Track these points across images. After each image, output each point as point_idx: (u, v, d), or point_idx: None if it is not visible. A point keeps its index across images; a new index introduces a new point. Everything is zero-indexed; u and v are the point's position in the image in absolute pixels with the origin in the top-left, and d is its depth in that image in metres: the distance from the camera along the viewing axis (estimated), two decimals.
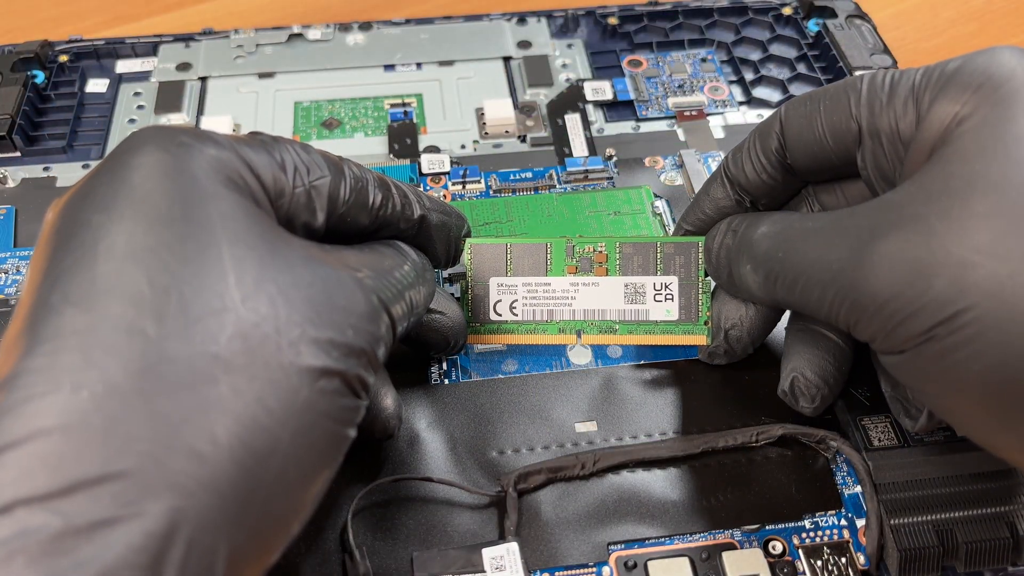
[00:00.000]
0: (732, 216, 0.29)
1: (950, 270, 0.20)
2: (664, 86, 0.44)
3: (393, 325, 0.22)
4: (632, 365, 0.31)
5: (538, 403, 0.30)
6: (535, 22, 0.47)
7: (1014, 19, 0.51)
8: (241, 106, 0.43)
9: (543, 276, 0.30)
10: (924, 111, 0.23)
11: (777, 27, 0.47)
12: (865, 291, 0.22)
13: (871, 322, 0.22)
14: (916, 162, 0.23)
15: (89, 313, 0.17)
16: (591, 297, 0.30)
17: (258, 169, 0.22)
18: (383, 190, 0.25)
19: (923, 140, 0.23)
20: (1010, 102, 0.21)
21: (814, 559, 0.26)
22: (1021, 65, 0.22)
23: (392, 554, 0.26)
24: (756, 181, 0.28)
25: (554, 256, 0.30)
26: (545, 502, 0.28)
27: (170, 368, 0.17)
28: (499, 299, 0.30)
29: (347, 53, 0.46)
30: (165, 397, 0.17)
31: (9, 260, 0.35)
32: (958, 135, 0.22)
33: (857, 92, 0.25)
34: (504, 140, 0.41)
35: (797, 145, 0.27)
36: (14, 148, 0.40)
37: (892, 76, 0.24)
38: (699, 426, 0.30)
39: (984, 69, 0.22)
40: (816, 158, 0.26)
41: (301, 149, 0.23)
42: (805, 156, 0.27)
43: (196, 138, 0.21)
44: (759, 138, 0.28)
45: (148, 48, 0.45)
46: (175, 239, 0.18)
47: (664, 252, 0.30)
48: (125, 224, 0.18)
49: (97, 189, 0.19)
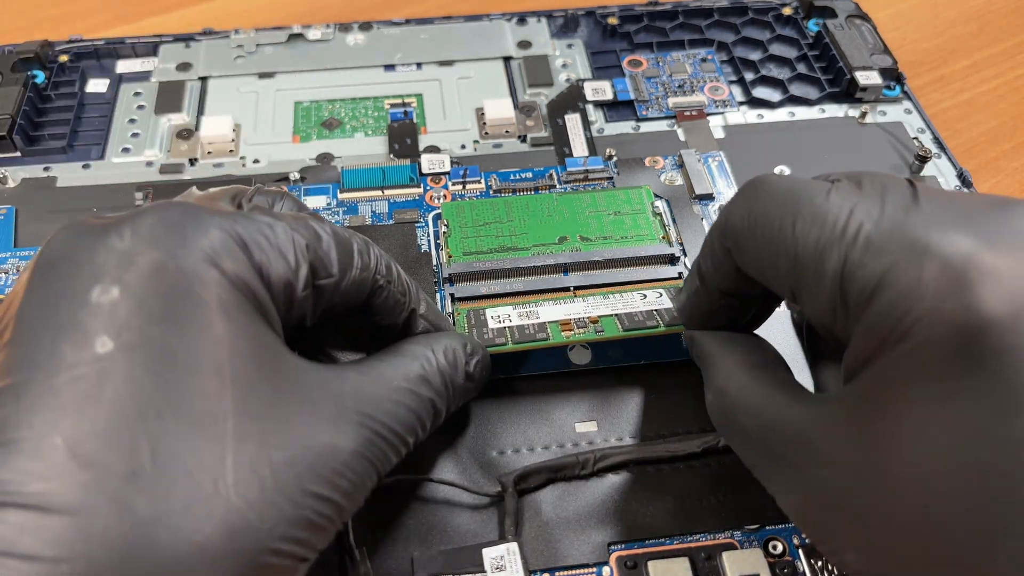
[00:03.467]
0: (701, 336, 0.27)
1: None
2: (664, 86, 0.44)
3: (378, 475, 0.22)
4: (632, 365, 0.31)
5: (538, 403, 0.30)
6: (535, 22, 0.47)
7: (1014, 19, 0.51)
8: (241, 106, 0.43)
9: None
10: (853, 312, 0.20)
11: (777, 27, 0.47)
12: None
13: None
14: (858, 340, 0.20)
15: (87, 471, 0.16)
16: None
17: (269, 275, 0.20)
18: (386, 278, 0.24)
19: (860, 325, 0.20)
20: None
21: (814, 559, 0.26)
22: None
23: (392, 554, 0.26)
24: (719, 281, 0.26)
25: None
26: (545, 502, 0.28)
27: (153, 555, 0.16)
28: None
29: (347, 53, 0.46)
30: None
31: (9, 260, 0.35)
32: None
33: (789, 255, 0.22)
34: (504, 140, 0.41)
35: (742, 257, 0.24)
36: (14, 148, 0.40)
37: (820, 246, 0.21)
38: (699, 426, 0.30)
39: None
40: (762, 276, 0.24)
41: (315, 238, 0.22)
42: (751, 268, 0.24)
43: (196, 224, 0.20)
44: (715, 233, 0.25)
45: (148, 48, 0.45)
46: (181, 394, 0.18)
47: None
48: (123, 358, 0.18)
49: (86, 286, 0.18)
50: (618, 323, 0.30)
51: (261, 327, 0.20)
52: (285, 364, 0.20)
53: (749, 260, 0.23)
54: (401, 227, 0.36)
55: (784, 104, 0.43)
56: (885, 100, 0.43)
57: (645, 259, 0.33)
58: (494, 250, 0.33)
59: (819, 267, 0.20)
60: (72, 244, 0.19)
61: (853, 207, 0.21)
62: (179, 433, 0.17)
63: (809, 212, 0.21)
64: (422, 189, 0.38)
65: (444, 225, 0.34)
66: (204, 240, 0.20)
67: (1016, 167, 0.43)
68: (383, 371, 0.23)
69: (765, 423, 0.23)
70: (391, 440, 0.22)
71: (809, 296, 0.21)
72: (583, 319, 0.30)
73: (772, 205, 0.22)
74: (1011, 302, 0.17)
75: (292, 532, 0.19)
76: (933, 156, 0.40)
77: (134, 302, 0.18)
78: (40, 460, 0.16)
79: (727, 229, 0.24)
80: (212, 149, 0.40)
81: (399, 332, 0.26)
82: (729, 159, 0.40)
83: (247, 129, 0.42)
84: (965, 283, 0.18)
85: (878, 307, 0.19)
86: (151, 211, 0.20)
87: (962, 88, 0.47)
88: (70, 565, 0.16)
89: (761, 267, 0.23)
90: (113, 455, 0.17)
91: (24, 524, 0.16)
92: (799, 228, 0.21)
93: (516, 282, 0.33)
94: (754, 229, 0.23)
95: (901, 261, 0.19)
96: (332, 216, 0.37)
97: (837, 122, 0.42)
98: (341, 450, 0.20)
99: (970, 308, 0.18)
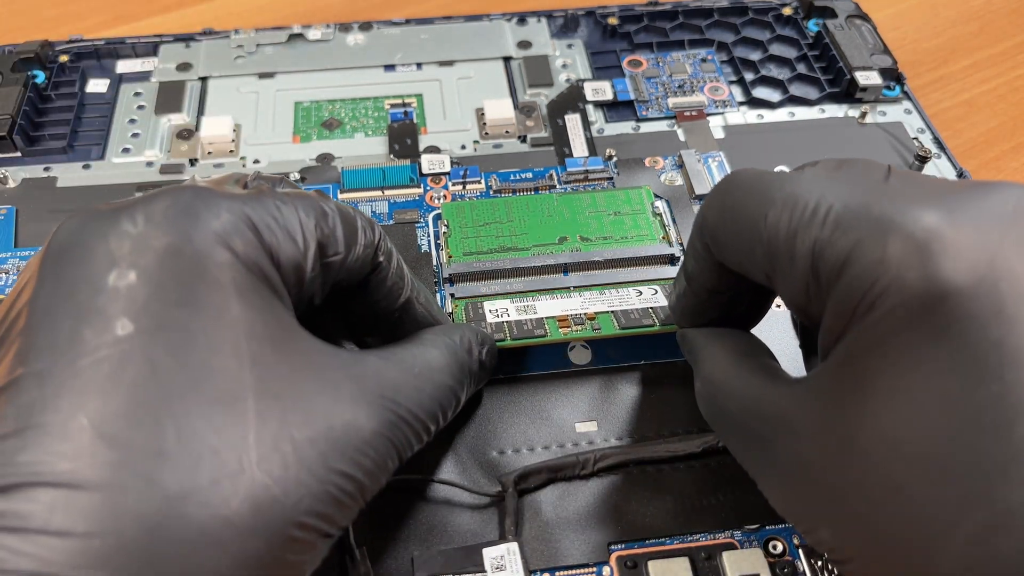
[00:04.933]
0: (689, 333, 0.27)
1: None
2: (664, 86, 0.44)
3: (400, 459, 0.22)
4: (632, 365, 0.31)
5: (538, 403, 0.30)
6: (535, 22, 0.47)
7: (1014, 19, 0.51)
8: (241, 106, 0.43)
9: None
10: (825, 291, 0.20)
11: (777, 27, 0.47)
12: None
13: None
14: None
15: (115, 449, 0.17)
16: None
17: (279, 257, 0.21)
18: (385, 259, 0.25)
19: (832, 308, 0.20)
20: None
21: (814, 559, 0.26)
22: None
23: (392, 554, 0.26)
24: (704, 280, 0.26)
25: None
26: (545, 502, 0.28)
27: (182, 529, 0.17)
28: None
29: (347, 53, 0.46)
30: (174, 560, 0.16)
31: (9, 260, 0.35)
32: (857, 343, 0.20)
33: (762, 241, 0.22)
34: (504, 140, 0.41)
35: (718, 248, 0.24)
36: (14, 148, 0.40)
37: (792, 225, 0.21)
38: (699, 426, 0.30)
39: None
40: (740, 267, 0.24)
41: (321, 216, 0.22)
42: (730, 260, 0.24)
43: (208, 207, 0.20)
44: (695, 229, 0.26)
45: (148, 48, 0.45)
46: (202, 375, 0.18)
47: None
48: (143, 341, 0.18)
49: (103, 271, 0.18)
50: (614, 321, 0.30)
51: (276, 307, 0.20)
52: (302, 344, 0.21)
53: (727, 253, 0.24)
54: (401, 227, 0.36)
55: (784, 104, 0.43)
56: (885, 100, 0.43)
57: (645, 259, 0.33)
58: (494, 250, 0.33)
59: (791, 249, 0.21)
60: (83, 231, 0.19)
61: (824, 190, 0.21)
62: (201, 412, 0.18)
63: (780, 199, 0.21)
64: (422, 189, 0.38)
65: (444, 225, 0.34)
66: (216, 222, 0.20)
67: (1016, 167, 0.43)
68: (404, 357, 0.24)
69: (746, 405, 0.23)
70: (413, 425, 0.22)
71: (783, 279, 0.21)
72: (580, 316, 0.31)
73: (744, 196, 0.23)
74: (973, 271, 0.18)
75: (316, 507, 0.19)
76: (933, 156, 0.40)
77: (152, 285, 0.18)
78: (68, 441, 0.17)
79: (704, 226, 0.24)
80: (212, 149, 0.40)
81: (397, 320, 0.27)
82: (729, 159, 0.40)
83: (247, 129, 0.42)
84: (928, 253, 0.18)
85: (846, 280, 0.19)
86: (162, 195, 0.20)
87: (962, 88, 0.47)
88: (101, 539, 0.16)
89: (739, 258, 0.23)
90: (139, 434, 0.17)
91: (55, 502, 0.16)
92: (771, 215, 0.21)
93: (516, 282, 0.33)
94: (728, 222, 0.23)
95: (867, 237, 0.19)
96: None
97: (837, 122, 0.42)
98: (363, 429, 0.21)
99: (932, 277, 0.18)
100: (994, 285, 0.18)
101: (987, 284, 0.18)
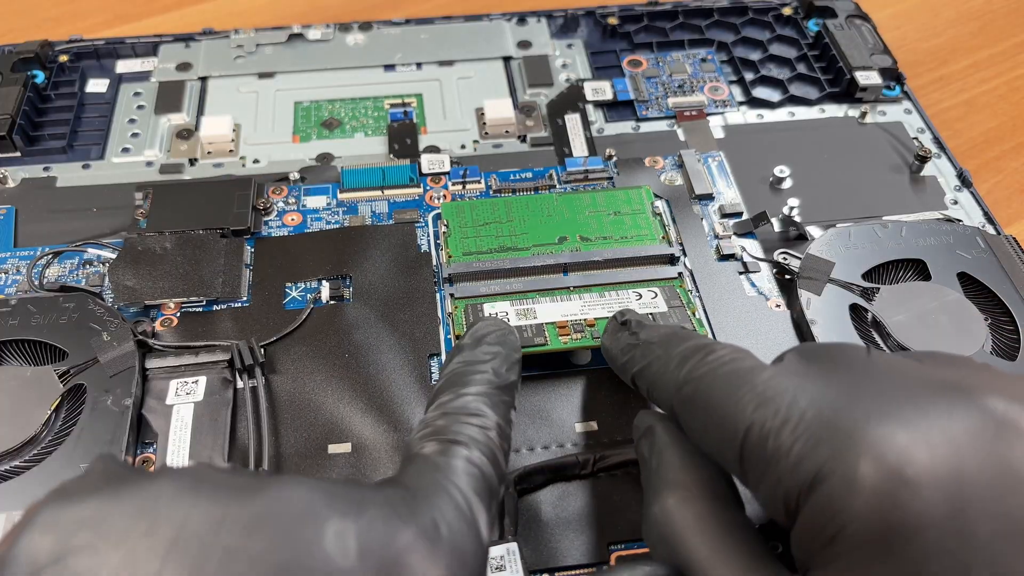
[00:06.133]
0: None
1: None
2: (664, 86, 0.44)
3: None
4: None
5: (538, 403, 0.30)
6: (535, 22, 0.47)
7: (1014, 19, 0.51)
8: (241, 106, 0.43)
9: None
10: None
11: (777, 27, 0.47)
12: None
13: None
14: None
15: None
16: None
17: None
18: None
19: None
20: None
21: None
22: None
23: None
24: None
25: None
26: (545, 502, 0.28)
27: None
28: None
29: (347, 53, 0.46)
30: None
31: (9, 260, 0.35)
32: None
33: (734, 447, 0.21)
34: (504, 140, 0.41)
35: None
36: (14, 148, 0.40)
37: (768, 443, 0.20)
38: None
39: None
40: (710, 454, 0.23)
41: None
42: (699, 444, 0.23)
43: None
44: None
45: (148, 48, 0.45)
46: None
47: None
48: None
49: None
50: None
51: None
52: None
53: (696, 439, 0.23)
54: (401, 227, 0.36)
55: (784, 104, 0.43)
56: (885, 100, 0.43)
57: (645, 259, 0.33)
58: (494, 250, 0.33)
59: (761, 454, 0.20)
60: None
61: (796, 390, 0.20)
62: None
63: (751, 397, 0.21)
64: (422, 189, 0.38)
65: (444, 225, 0.34)
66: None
67: (1016, 167, 0.43)
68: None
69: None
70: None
71: (755, 483, 0.21)
72: (580, 322, 0.31)
73: (716, 382, 0.22)
74: (946, 502, 0.17)
75: None
76: (933, 156, 0.40)
77: None
78: None
79: (671, 392, 0.23)
80: (212, 149, 0.40)
81: None
82: (729, 159, 0.40)
83: (247, 129, 0.42)
84: (899, 482, 0.18)
85: (816, 500, 0.19)
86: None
87: (962, 88, 0.47)
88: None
89: (708, 449, 0.23)
90: None
91: None
92: (741, 422, 0.21)
93: (516, 282, 0.33)
94: (698, 407, 0.22)
95: (838, 454, 0.19)
96: (332, 216, 0.37)
97: (837, 122, 0.42)
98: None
99: (904, 508, 0.17)
100: (962, 512, 0.17)
101: (957, 516, 0.17)
